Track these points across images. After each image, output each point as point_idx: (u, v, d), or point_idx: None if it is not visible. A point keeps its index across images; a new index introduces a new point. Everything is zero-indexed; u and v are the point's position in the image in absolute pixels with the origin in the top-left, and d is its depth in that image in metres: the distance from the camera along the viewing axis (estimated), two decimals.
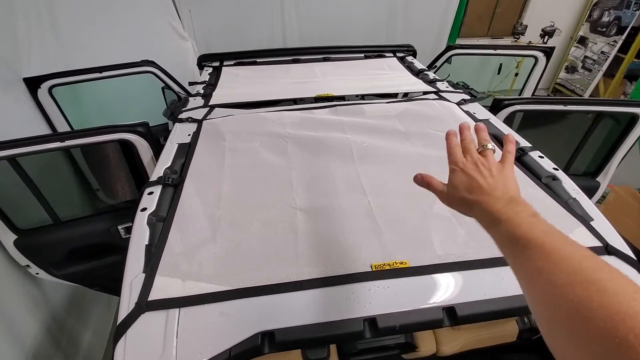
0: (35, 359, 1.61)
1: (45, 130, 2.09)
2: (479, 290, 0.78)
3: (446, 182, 0.62)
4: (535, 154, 1.21)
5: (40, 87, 1.98)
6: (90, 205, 1.95)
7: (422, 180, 0.63)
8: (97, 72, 2.08)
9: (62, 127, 2.15)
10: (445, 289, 0.80)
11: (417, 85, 1.90)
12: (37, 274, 1.67)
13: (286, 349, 0.73)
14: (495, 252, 0.86)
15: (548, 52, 2.32)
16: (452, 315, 0.75)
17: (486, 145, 0.61)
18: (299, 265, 0.85)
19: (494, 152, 0.60)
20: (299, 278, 0.82)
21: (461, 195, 0.56)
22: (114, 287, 0.81)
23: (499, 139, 1.33)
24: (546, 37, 4.90)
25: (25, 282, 1.68)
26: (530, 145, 1.26)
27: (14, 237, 1.52)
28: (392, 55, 2.46)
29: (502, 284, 0.80)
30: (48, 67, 2.03)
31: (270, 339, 0.72)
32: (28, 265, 1.62)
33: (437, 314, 0.75)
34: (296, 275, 0.82)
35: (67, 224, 1.64)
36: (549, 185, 1.09)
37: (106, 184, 1.84)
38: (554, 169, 1.15)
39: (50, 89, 2.01)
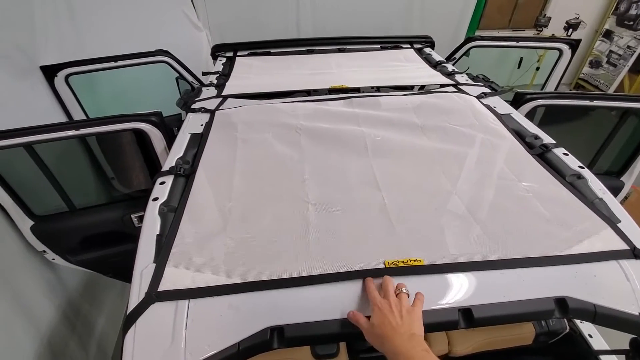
0: (50, 342, 1.65)
1: (62, 118, 2.12)
2: (497, 292, 0.75)
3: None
4: (559, 151, 1.16)
5: (57, 76, 2.00)
6: (105, 194, 1.97)
7: (352, 317, 0.72)
8: (113, 61, 2.08)
9: (78, 115, 2.18)
10: (462, 290, 0.77)
11: (435, 77, 1.84)
12: (53, 259, 1.71)
13: (295, 345, 0.72)
14: (515, 252, 0.83)
15: (574, 44, 2.21)
16: (468, 317, 0.72)
17: (401, 289, 0.73)
18: (310, 259, 0.83)
19: (408, 297, 0.73)
20: (310, 273, 0.80)
21: (376, 331, 0.67)
22: (127, 274, 0.81)
23: (520, 135, 1.28)
24: (570, 30, 4.69)
25: (42, 267, 1.72)
26: (554, 141, 1.21)
27: (30, 223, 1.56)
28: (409, 46, 2.39)
29: (523, 286, 0.76)
30: (65, 55, 2.04)
31: (279, 334, 0.70)
32: (44, 251, 1.66)
33: (453, 315, 0.72)
34: (307, 270, 0.80)
35: (82, 212, 1.66)
36: (573, 184, 1.04)
37: (120, 173, 1.85)
38: (580, 167, 1.10)
39: (66, 78, 2.03)
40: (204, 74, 2.10)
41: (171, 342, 0.68)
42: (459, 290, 0.77)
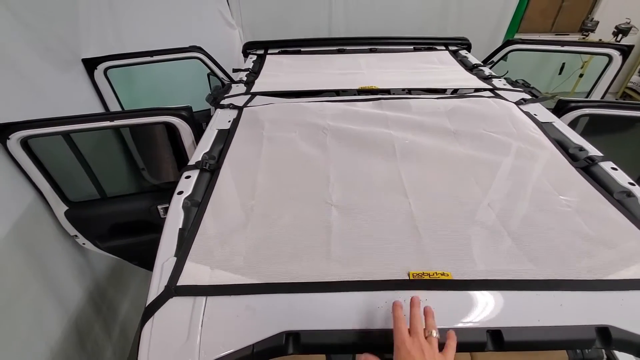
0: (77, 323, 1.73)
1: (100, 109, 2.21)
2: (532, 315, 0.69)
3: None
4: (607, 165, 1.07)
5: (97, 68, 2.09)
6: (135, 184, 2.04)
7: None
8: (149, 56, 2.15)
9: (114, 107, 2.26)
10: (492, 309, 0.72)
11: (470, 81, 1.76)
12: (83, 244, 1.79)
13: (310, 353, 0.70)
14: (553, 272, 0.76)
15: (625, 50, 2.05)
16: (497, 340, 0.67)
17: (432, 332, 0.63)
18: (331, 265, 0.81)
19: (438, 340, 0.62)
20: (329, 279, 0.77)
21: None
22: (151, 263, 0.82)
23: (563, 145, 1.19)
24: (620, 36, 4.36)
25: (73, 251, 1.80)
26: (602, 154, 1.11)
27: (65, 208, 1.63)
28: (444, 48, 2.31)
29: (561, 311, 0.70)
30: (104, 49, 2.13)
31: (295, 340, 0.68)
32: (76, 236, 1.73)
33: (480, 336, 0.67)
34: (327, 275, 0.78)
35: (112, 200, 1.72)
36: (622, 201, 0.95)
37: (150, 164, 1.91)
38: (630, 183, 1.00)
39: (105, 70, 2.11)
40: (235, 70, 2.12)
41: (187, 338, 0.68)
42: (488, 309, 0.72)
